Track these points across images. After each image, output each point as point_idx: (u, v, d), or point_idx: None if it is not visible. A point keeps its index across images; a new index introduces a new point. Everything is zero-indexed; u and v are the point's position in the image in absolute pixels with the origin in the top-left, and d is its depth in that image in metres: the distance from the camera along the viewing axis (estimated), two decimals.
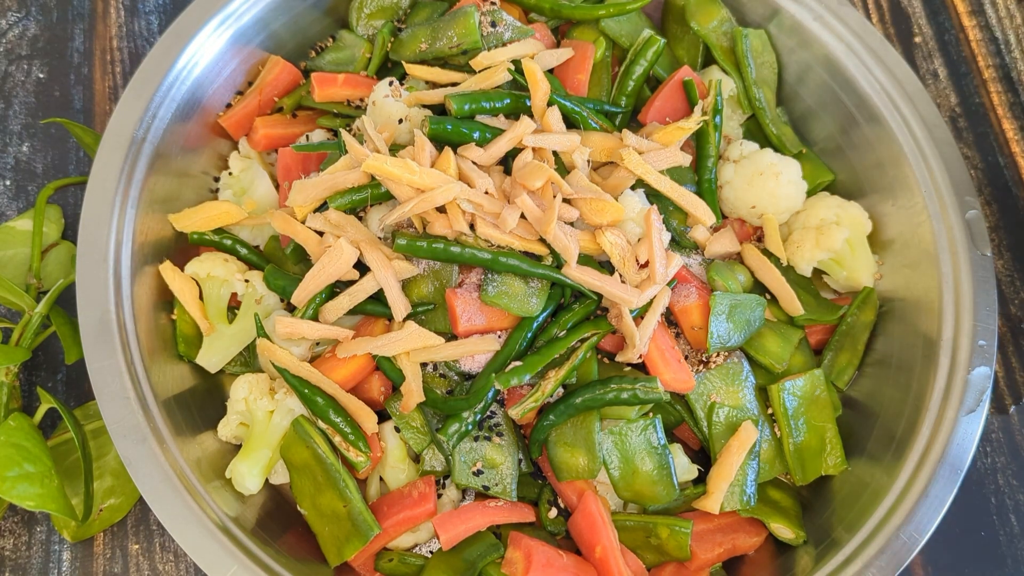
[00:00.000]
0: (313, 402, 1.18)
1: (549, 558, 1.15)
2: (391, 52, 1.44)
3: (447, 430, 1.18)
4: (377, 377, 1.24)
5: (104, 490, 1.31)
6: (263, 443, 1.21)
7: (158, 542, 1.34)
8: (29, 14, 1.68)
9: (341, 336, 1.20)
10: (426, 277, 1.24)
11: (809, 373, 1.28)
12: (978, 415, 1.19)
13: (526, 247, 1.21)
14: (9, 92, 1.62)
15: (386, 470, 1.25)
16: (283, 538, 1.19)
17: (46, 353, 1.44)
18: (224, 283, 1.30)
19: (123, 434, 1.14)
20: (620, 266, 1.22)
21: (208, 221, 1.32)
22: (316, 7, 1.47)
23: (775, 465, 1.28)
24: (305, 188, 1.24)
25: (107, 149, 1.26)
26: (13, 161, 1.57)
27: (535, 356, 1.20)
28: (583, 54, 1.42)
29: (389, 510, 1.20)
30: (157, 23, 1.68)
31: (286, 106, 1.44)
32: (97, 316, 1.19)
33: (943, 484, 1.16)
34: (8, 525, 1.34)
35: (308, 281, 1.21)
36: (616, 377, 1.19)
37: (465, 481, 1.21)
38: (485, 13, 1.38)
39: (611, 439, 1.22)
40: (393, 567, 1.22)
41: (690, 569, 1.23)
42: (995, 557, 1.38)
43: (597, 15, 1.44)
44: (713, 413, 1.25)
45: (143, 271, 1.26)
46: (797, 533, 1.25)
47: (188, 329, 1.30)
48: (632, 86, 1.40)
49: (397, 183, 1.20)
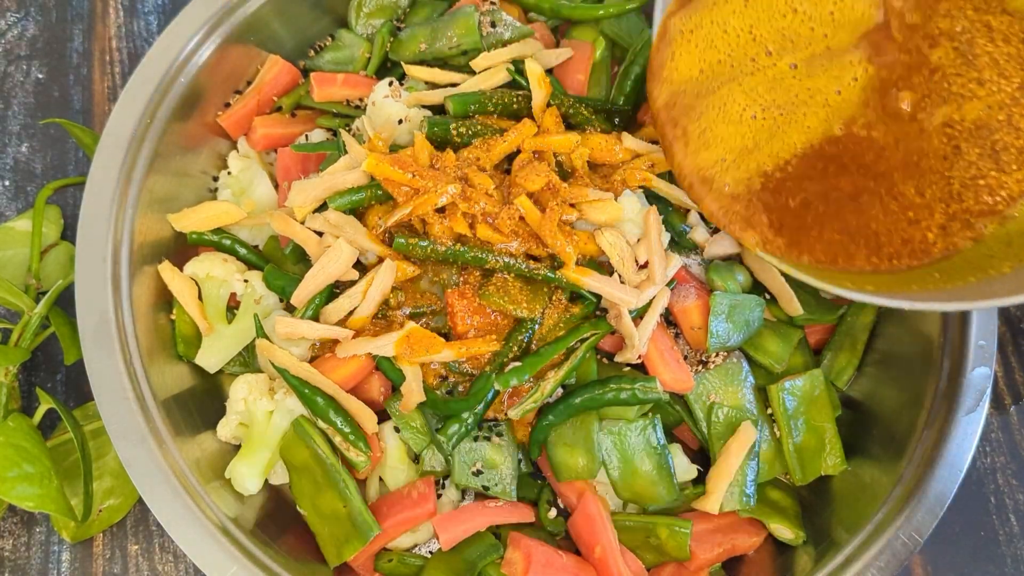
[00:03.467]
0: (313, 402, 1.17)
1: (549, 558, 1.15)
2: (390, 52, 1.44)
3: (447, 431, 1.18)
4: (377, 377, 1.23)
5: (103, 491, 1.31)
6: (263, 443, 1.21)
7: (157, 543, 1.34)
8: (28, 14, 1.68)
9: (341, 336, 1.20)
10: (426, 277, 1.24)
11: (808, 373, 1.28)
12: (978, 415, 1.19)
13: (525, 248, 1.21)
14: (8, 92, 1.62)
15: (386, 470, 1.25)
16: (283, 539, 1.19)
17: (45, 354, 1.44)
18: (223, 283, 1.30)
19: (122, 434, 1.14)
20: (619, 267, 1.22)
21: (207, 221, 1.32)
22: (315, 6, 1.47)
23: (775, 465, 1.28)
24: (305, 188, 1.24)
25: (106, 149, 1.26)
26: (12, 162, 1.57)
27: (534, 357, 1.19)
28: (582, 54, 1.42)
29: (389, 510, 1.20)
30: (156, 23, 1.68)
31: (285, 106, 1.44)
32: (96, 316, 1.19)
33: (943, 484, 1.16)
34: (7, 526, 1.34)
35: (308, 281, 1.21)
36: (615, 377, 1.19)
37: (465, 481, 1.21)
38: (485, 13, 1.38)
39: (610, 439, 1.22)
40: (393, 567, 1.22)
41: (690, 569, 1.23)
42: (995, 557, 1.38)
43: (597, 15, 1.43)
44: (712, 413, 1.25)
45: (142, 271, 1.26)
46: (797, 533, 1.25)
47: (187, 329, 1.30)
48: (631, 86, 1.40)
49: (396, 184, 1.20)
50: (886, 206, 1.14)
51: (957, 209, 1.12)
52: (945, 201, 1.13)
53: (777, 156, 1.16)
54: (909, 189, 1.13)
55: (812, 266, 1.14)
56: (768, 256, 1.15)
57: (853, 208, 1.14)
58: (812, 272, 1.13)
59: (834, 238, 1.14)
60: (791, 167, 1.15)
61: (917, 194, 1.13)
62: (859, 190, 1.14)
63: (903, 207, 1.13)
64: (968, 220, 1.12)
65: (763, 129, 1.16)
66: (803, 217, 1.15)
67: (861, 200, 1.14)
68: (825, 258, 1.14)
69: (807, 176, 1.15)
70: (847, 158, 1.15)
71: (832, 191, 1.14)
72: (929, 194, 1.13)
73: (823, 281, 1.11)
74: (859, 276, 1.13)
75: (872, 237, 1.13)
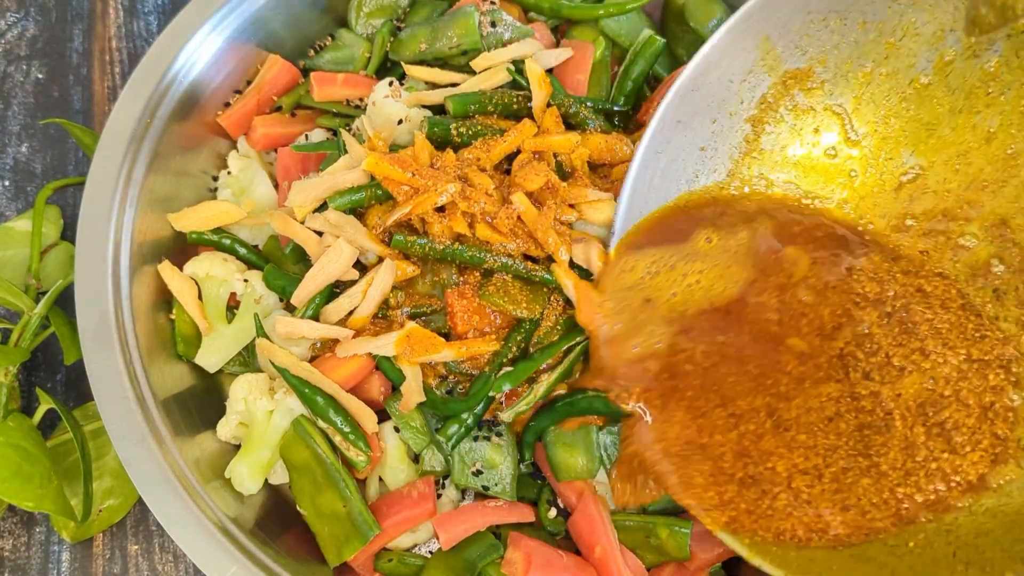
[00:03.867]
0: (313, 402, 1.17)
1: (549, 558, 1.15)
2: (390, 52, 1.44)
3: (446, 431, 1.18)
4: (377, 377, 1.23)
5: (103, 491, 1.31)
6: (263, 443, 1.21)
7: (157, 543, 1.34)
8: (28, 15, 1.68)
9: (341, 336, 1.20)
10: (426, 277, 1.24)
11: None
12: None
13: (524, 248, 1.21)
14: (8, 93, 1.62)
15: (386, 470, 1.25)
16: (282, 538, 1.19)
17: (45, 354, 1.44)
18: (223, 283, 1.30)
19: (122, 434, 1.13)
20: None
21: (207, 220, 1.32)
22: (314, 6, 1.47)
23: None
24: (305, 188, 1.23)
25: (105, 149, 1.26)
26: (12, 162, 1.57)
27: (527, 362, 1.20)
28: (583, 54, 1.41)
29: (389, 510, 1.20)
30: (156, 23, 1.68)
31: (285, 105, 1.44)
32: (96, 316, 1.18)
33: None
34: (7, 526, 1.34)
35: (308, 281, 1.21)
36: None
37: (464, 481, 1.21)
38: (485, 13, 1.38)
39: (610, 439, 1.22)
40: (392, 567, 1.22)
41: (690, 569, 1.23)
42: None
43: (597, 15, 1.43)
44: None
45: (142, 271, 1.26)
46: None
47: (187, 329, 1.30)
48: (631, 86, 1.40)
49: (397, 183, 1.20)
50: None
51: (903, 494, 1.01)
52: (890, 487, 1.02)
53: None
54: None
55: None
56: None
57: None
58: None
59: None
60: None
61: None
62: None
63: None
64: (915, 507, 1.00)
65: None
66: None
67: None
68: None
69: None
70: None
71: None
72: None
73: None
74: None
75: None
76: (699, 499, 1.07)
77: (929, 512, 0.98)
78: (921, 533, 0.97)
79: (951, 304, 1.08)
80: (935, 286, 1.10)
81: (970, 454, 1.00)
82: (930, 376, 1.03)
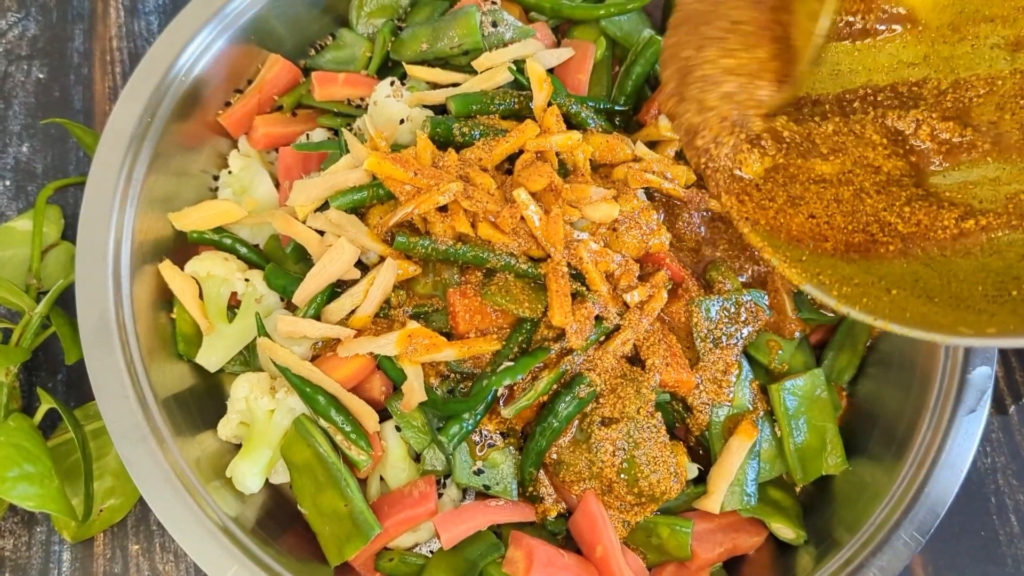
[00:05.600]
0: (314, 401, 1.17)
1: (550, 557, 1.15)
2: (392, 52, 1.44)
3: (448, 431, 1.18)
4: (378, 376, 1.23)
5: (104, 490, 1.31)
6: (264, 442, 1.21)
7: (158, 542, 1.34)
8: (29, 14, 1.68)
9: (343, 335, 1.20)
10: (428, 277, 1.24)
11: (809, 373, 1.28)
12: (979, 415, 1.19)
13: (526, 248, 1.21)
14: (9, 92, 1.62)
15: (387, 469, 1.25)
16: (283, 538, 1.19)
17: (46, 353, 1.44)
18: (224, 282, 1.30)
19: (123, 434, 1.13)
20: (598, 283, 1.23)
21: (208, 220, 1.32)
22: (315, 5, 1.47)
23: (776, 465, 1.28)
24: (306, 188, 1.24)
25: (106, 148, 1.26)
26: (13, 161, 1.57)
27: (528, 358, 1.20)
28: (583, 54, 1.42)
29: (390, 509, 1.20)
30: (157, 23, 1.68)
31: (286, 105, 1.44)
32: (97, 316, 1.18)
33: (944, 484, 1.16)
34: (8, 525, 1.34)
35: (309, 281, 1.21)
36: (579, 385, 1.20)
37: (466, 480, 1.21)
38: (486, 13, 1.38)
39: None
40: (394, 567, 1.22)
41: (691, 569, 1.23)
42: (995, 557, 1.38)
43: (597, 15, 1.44)
44: (713, 412, 1.25)
45: (143, 270, 1.26)
46: (798, 533, 1.25)
47: (188, 328, 1.30)
48: (632, 86, 1.40)
49: (398, 183, 1.20)
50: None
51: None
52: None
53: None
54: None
55: (792, 245, 1.10)
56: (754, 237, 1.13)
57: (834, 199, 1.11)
58: (816, 282, 1.08)
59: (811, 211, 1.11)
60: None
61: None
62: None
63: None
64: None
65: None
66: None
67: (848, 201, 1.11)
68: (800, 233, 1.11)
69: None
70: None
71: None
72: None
73: (827, 294, 1.06)
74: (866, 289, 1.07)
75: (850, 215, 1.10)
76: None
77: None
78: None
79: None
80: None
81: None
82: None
